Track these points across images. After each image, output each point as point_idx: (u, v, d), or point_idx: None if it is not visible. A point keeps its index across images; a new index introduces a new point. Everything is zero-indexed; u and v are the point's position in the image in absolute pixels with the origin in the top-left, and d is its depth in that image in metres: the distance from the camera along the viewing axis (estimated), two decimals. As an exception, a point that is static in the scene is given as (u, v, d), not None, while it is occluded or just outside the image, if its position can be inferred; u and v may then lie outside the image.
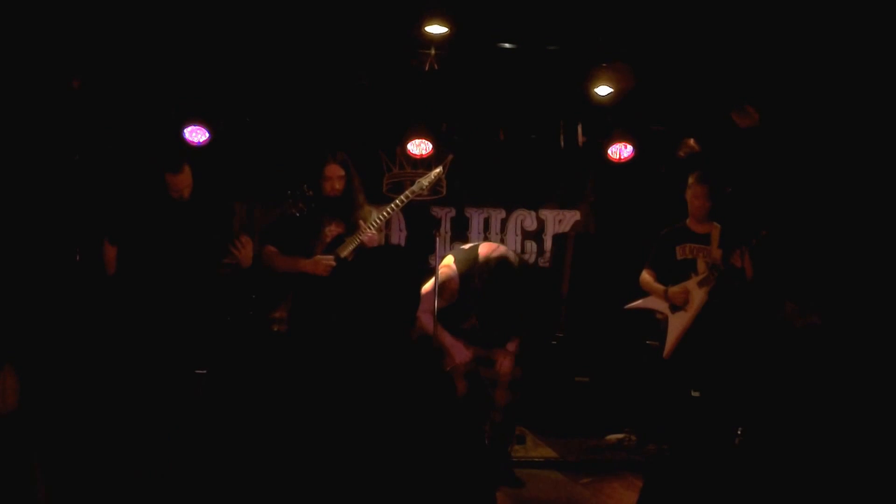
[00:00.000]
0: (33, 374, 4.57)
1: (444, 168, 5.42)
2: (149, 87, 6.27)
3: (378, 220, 4.97)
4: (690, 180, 5.57)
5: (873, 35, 5.02)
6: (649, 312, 5.68)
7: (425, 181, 5.07)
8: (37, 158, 5.56)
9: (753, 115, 6.20)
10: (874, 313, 5.02)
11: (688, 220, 5.59)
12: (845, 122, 5.73)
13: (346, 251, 4.98)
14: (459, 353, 4.95)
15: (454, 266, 4.90)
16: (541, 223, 7.55)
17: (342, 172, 5.02)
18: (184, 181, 4.93)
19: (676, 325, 5.40)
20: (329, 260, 4.91)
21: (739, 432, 5.11)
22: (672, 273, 5.50)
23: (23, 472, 2.89)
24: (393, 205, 5.02)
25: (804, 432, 3.13)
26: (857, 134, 5.66)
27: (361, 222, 4.95)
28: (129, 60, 5.93)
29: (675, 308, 5.43)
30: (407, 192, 5.04)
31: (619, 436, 6.25)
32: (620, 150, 6.86)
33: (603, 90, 6.35)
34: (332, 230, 5.05)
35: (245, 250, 4.94)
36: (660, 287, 5.49)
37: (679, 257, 5.49)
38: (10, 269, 5.19)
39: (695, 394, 5.52)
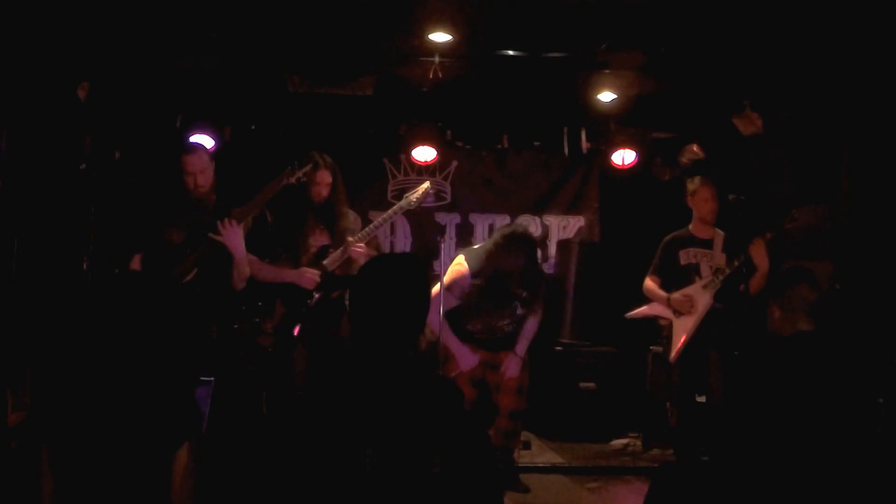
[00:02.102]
0: (42, 381, 4.60)
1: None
2: (154, 95, 6.30)
3: (366, 233, 5.00)
4: (694, 185, 5.57)
5: (878, 41, 5.03)
6: (653, 318, 5.69)
7: (412, 196, 5.15)
8: (43, 167, 5.59)
9: (756, 121, 6.22)
10: (872, 321, 5.03)
11: (690, 226, 5.59)
12: (849, 127, 5.74)
13: (334, 265, 4.97)
14: (465, 359, 4.98)
15: (465, 264, 5.01)
16: (545, 229, 7.56)
17: (330, 179, 5.04)
18: (196, 163, 4.45)
19: (681, 328, 5.40)
20: (315, 274, 4.87)
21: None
22: (675, 278, 5.50)
23: (30, 472, 2.92)
24: (380, 219, 5.09)
25: (803, 439, 3.15)
26: (863, 140, 5.68)
27: (349, 237, 4.96)
28: (135, 69, 5.96)
29: (679, 312, 5.43)
30: (395, 208, 5.16)
31: (625, 441, 6.27)
32: (623, 157, 6.90)
33: (606, 97, 6.38)
34: (316, 239, 5.03)
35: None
36: (663, 295, 5.49)
37: (683, 262, 5.50)
38: (20, 274, 5.22)
39: (700, 398, 5.53)
